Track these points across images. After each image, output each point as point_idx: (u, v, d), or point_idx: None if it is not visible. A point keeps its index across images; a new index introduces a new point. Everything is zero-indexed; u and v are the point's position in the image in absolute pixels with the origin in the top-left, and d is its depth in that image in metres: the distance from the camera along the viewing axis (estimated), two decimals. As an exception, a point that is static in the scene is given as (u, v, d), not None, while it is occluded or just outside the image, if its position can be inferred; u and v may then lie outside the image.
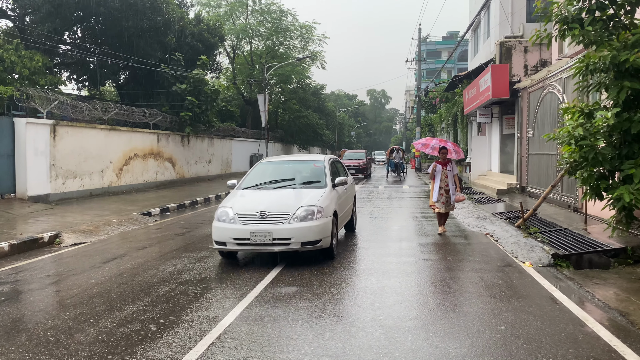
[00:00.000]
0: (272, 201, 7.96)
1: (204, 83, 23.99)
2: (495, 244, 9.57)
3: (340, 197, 9.05)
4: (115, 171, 19.31)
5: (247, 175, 9.34)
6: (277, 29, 40.10)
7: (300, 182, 8.99)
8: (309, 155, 11.06)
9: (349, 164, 28.81)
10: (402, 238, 10.25)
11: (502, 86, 16.72)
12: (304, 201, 7.84)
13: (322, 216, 7.69)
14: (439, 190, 10.41)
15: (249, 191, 8.67)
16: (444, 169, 10.51)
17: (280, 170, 9.66)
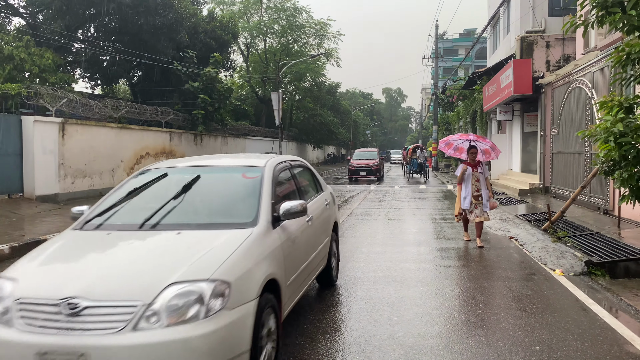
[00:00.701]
0: (113, 266, 3.59)
1: (216, 81, 23.61)
2: (520, 248, 8.96)
3: (294, 242, 4.67)
4: (127, 170, 18.99)
5: (110, 194, 4.88)
6: (291, 27, 39.66)
7: (206, 216, 4.43)
8: (241, 158, 5.86)
9: (359, 164, 27.00)
10: (420, 242, 9.68)
11: (525, 82, 16.02)
12: (186, 268, 3.41)
13: (227, 305, 3.29)
14: (470, 197, 9.12)
15: (92, 235, 4.27)
16: (475, 171, 9.19)
17: (174, 189, 4.64)
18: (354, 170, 26.90)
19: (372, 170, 26.84)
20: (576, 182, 12.37)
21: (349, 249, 9.01)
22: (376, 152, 30.56)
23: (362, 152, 30.97)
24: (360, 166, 26.79)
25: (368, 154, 29.70)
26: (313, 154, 55.30)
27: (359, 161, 27.60)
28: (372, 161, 27.45)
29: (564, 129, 13.64)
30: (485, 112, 24.12)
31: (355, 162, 27.38)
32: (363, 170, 26.55)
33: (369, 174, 26.80)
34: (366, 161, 27.50)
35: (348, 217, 13.28)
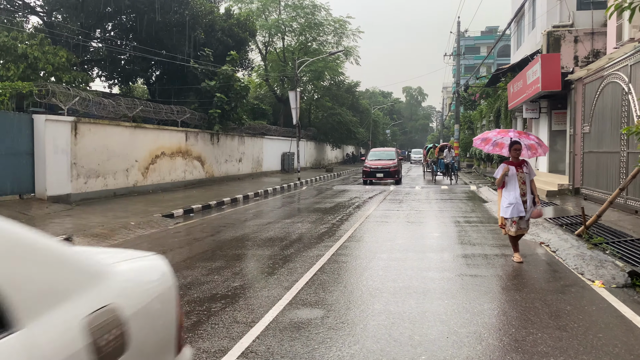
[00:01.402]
0: None
1: (233, 79, 23.19)
2: (553, 255, 8.27)
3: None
4: (141, 170, 18.69)
5: None
6: (310, 25, 39.14)
7: None
8: None
9: (375, 165, 24.66)
10: (443, 248, 9.06)
11: (553, 77, 15.22)
12: None
13: None
14: (517, 203, 7.63)
15: None
16: (519, 171, 7.71)
17: None
18: (369, 172, 24.80)
19: (389, 172, 24.37)
20: (610, 183, 11.59)
21: (367, 255, 8.43)
22: (394, 151, 27.67)
23: (379, 151, 28.16)
24: (376, 168, 24.56)
25: (385, 153, 27.05)
26: (332, 153, 54.72)
27: (374, 162, 25.27)
28: (389, 162, 25.00)
29: (596, 126, 12.84)
30: (510, 110, 23.27)
31: (371, 163, 25.09)
32: (379, 172, 24.35)
33: (386, 176, 24.37)
34: (383, 162, 25.10)
35: (366, 220, 12.70)
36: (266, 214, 14.48)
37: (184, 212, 14.52)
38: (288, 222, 12.64)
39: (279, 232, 11.01)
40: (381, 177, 24.37)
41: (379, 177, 24.36)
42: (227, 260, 8.20)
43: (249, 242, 9.94)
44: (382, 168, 24.43)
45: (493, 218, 12.82)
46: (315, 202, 17.65)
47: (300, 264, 7.88)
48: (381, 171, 24.35)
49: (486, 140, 8.69)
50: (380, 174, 24.32)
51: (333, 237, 10.23)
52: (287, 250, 9.05)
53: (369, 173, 24.81)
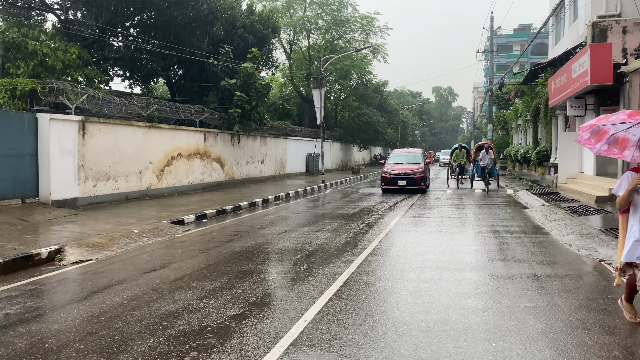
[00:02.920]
0: None
1: (254, 77, 22.15)
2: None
3: None
4: (156, 172, 17.78)
5: None
6: (336, 22, 37.91)
7: None
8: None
9: (397, 170, 20.53)
10: (483, 265, 7.70)
11: (604, 70, 13.62)
12: None
13: None
14: None
15: None
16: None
17: None
18: (389, 179, 20.54)
19: (413, 180, 20.16)
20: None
21: (392, 274, 7.16)
22: (420, 153, 22.89)
23: (402, 153, 23.66)
24: (397, 173, 20.37)
25: (410, 156, 22.58)
26: (359, 155, 53.40)
27: (396, 166, 21.09)
28: (414, 166, 20.83)
29: (658, 124, 11.24)
30: (550, 108, 21.60)
31: (392, 168, 20.91)
32: (402, 178, 20.20)
33: (410, 184, 20.16)
34: (406, 166, 20.88)
35: (393, 229, 11.40)
36: (284, 220, 13.32)
37: (196, 217, 13.48)
38: (306, 230, 11.45)
39: (294, 243, 9.83)
40: (404, 185, 20.22)
41: (402, 184, 20.21)
42: (229, 279, 7.05)
43: (259, 255, 8.78)
44: (405, 174, 20.26)
45: (536, 227, 11.37)
46: (338, 206, 16.43)
47: (314, 285, 6.68)
48: (404, 177, 20.21)
49: (597, 133, 5.15)
50: (403, 181, 20.19)
51: (355, 250, 8.99)
52: (301, 265, 7.85)
53: (389, 180, 20.59)
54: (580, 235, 9.58)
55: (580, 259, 8.07)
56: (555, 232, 10.53)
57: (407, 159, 22.04)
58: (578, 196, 15.65)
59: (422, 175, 20.31)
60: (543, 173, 25.99)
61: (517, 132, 37.10)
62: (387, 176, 20.66)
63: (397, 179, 20.34)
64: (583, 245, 8.87)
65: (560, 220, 11.55)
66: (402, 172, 20.37)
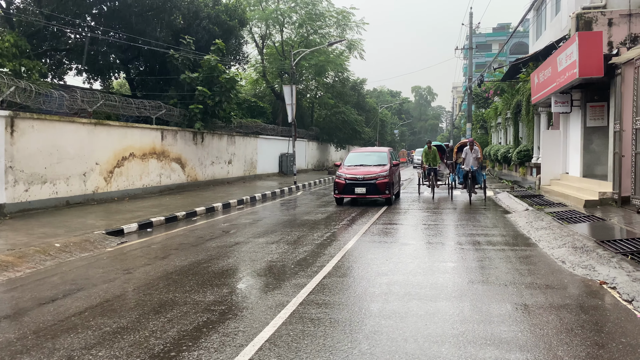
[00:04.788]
0: None
1: (217, 71, 20.53)
2: (628, 308, 5.49)
3: None
4: (104, 174, 16.08)
5: None
6: (310, 16, 36.38)
7: None
8: None
9: (354, 174, 15.91)
10: (461, 292, 6.29)
11: (594, 61, 12.39)
12: None
13: None
14: None
15: None
16: None
17: None
18: (343, 185, 15.93)
19: (375, 187, 15.60)
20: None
21: (349, 305, 5.70)
22: (386, 153, 17.81)
23: (363, 153, 18.58)
24: (355, 178, 15.79)
25: (372, 156, 17.71)
26: (336, 154, 51.96)
27: (354, 169, 16.34)
28: (377, 169, 16.14)
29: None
30: (533, 105, 20.43)
31: (348, 172, 16.16)
32: (360, 184, 15.68)
33: (371, 191, 15.65)
34: (367, 169, 16.24)
35: (361, 239, 9.96)
36: (240, 229, 11.80)
37: (139, 227, 11.86)
38: (261, 242, 9.94)
39: (241, 260, 8.32)
40: (363, 194, 15.74)
41: (360, 192, 15.73)
42: (140, 315, 5.52)
43: (192, 277, 7.25)
44: (365, 179, 15.67)
45: (522, 237, 10.04)
46: (305, 211, 14.96)
47: (247, 323, 5.20)
48: (363, 184, 15.65)
49: None
50: (362, 188, 15.64)
51: (311, 269, 7.51)
52: (238, 293, 6.36)
53: (343, 187, 15.95)
54: (574, 248, 8.25)
55: (577, 281, 6.72)
56: (543, 243, 9.20)
57: (369, 159, 17.37)
58: (564, 200, 14.43)
59: (386, 181, 15.65)
60: (524, 174, 24.87)
61: (496, 131, 36.08)
62: (342, 182, 15.94)
63: (354, 186, 15.71)
64: (578, 262, 7.53)
65: (548, 229, 10.24)
66: (360, 177, 15.70)
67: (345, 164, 17.25)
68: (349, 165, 17.05)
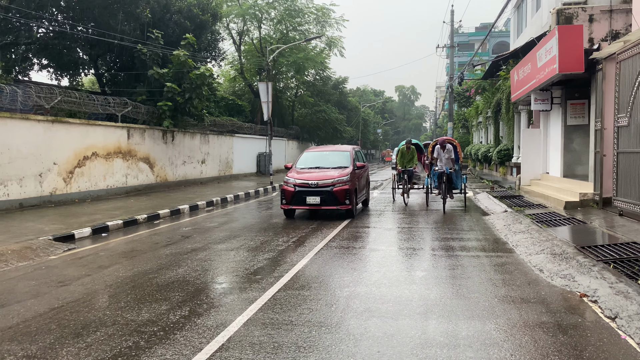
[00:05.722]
0: None
1: (187, 66, 19.68)
2: (610, 326, 4.88)
3: None
4: (63, 175, 15.18)
5: None
6: (289, 12, 35.60)
7: None
8: None
9: (305, 180, 12.67)
10: (427, 307, 5.63)
11: (574, 56, 11.85)
12: None
13: None
14: None
15: None
16: None
17: None
18: (292, 194, 12.66)
19: (332, 196, 12.37)
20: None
21: (300, 324, 4.99)
22: (349, 153, 14.27)
23: (319, 153, 15.08)
24: (306, 184, 12.57)
25: (331, 156, 14.31)
26: (318, 153, 51.35)
27: (307, 173, 13.16)
28: (335, 173, 12.88)
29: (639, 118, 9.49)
30: (513, 103, 19.94)
31: (299, 176, 12.96)
32: (313, 192, 12.46)
33: (327, 201, 12.43)
34: (323, 173, 13.04)
35: (327, 245, 9.26)
36: (202, 233, 11.04)
37: (93, 231, 11.04)
38: (220, 248, 9.21)
39: (192, 270, 7.57)
40: (316, 204, 12.49)
41: (312, 203, 12.51)
42: (53, 342, 4.76)
43: (132, 291, 6.50)
44: (319, 186, 12.44)
45: (498, 242, 9.45)
46: (276, 214, 14.25)
47: (175, 350, 4.50)
48: (316, 191, 12.42)
49: None
50: (314, 198, 12.42)
51: (266, 281, 6.81)
52: (177, 311, 5.63)
53: (292, 196, 12.64)
54: (552, 255, 7.65)
55: (555, 293, 6.10)
56: (521, 249, 8.60)
57: (326, 161, 14.02)
58: (544, 201, 13.91)
59: (346, 188, 12.41)
60: (505, 173, 24.44)
61: (477, 130, 35.71)
62: (290, 189, 12.67)
63: (305, 194, 12.45)
64: (557, 270, 6.92)
65: (526, 233, 9.66)
66: (313, 183, 12.45)
67: (297, 166, 13.98)
68: (302, 168, 13.78)
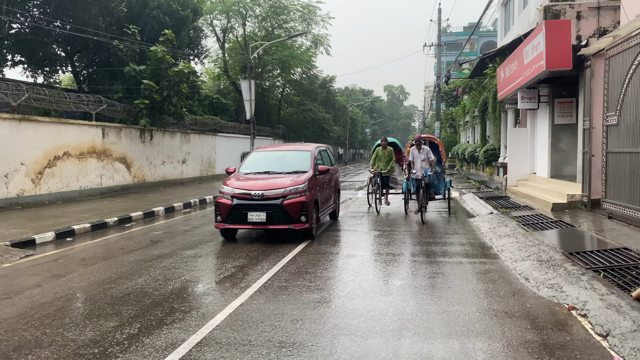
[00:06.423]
0: None
1: (165, 63, 19.05)
2: (602, 346, 4.40)
3: None
4: (31, 176, 14.51)
5: None
6: (275, 9, 35.02)
7: None
8: None
9: (247, 189, 9.45)
10: (402, 323, 5.13)
11: (562, 52, 11.42)
12: None
13: None
14: None
15: None
16: None
17: None
18: (229, 208, 9.49)
19: (282, 210, 9.28)
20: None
21: (258, 345, 4.45)
22: (309, 153, 10.95)
23: (271, 153, 11.74)
24: (247, 195, 9.41)
25: (286, 158, 11.08)
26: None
27: (252, 181, 9.92)
28: (287, 180, 9.70)
29: (629, 117, 9.08)
30: (499, 101, 19.55)
31: (241, 185, 9.79)
32: (256, 207, 9.33)
33: (274, 218, 9.32)
34: (272, 180, 9.81)
35: (301, 252, 8.72)
36: (172, 237, 10.46)
37: (57, 236, 10.42)
38: (188, 255, 8.64)
39: (154, 278, 7.01)
40: (261, 223, 9.36)
41: (256, 220, 9.36)
42: (-26, 367, 4.18)
43: (83, 304, 5.93)
44: (265, 198, 9.34)
45: (483, 247, 8.98)
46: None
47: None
48: (261, 205, 9.34)
49: None
50: (259, 213, 9.33)
51: (231, 291, 6.27)
52: (124, 329, 5.08)
53: (229, 211, 9.52)
54: (539, 262, 7.18)
55: (541, 306, 5.62)
56: (506, 254, 8.14)
57: (279, 164, 10.74)
58: (531, 202, 13.49)
59: (301, 200, 9.31)
60: (491, 173, 24.07)
61: (465, 129, 35.39)
62: (226, 202, 9.50)
63: (245, 209, 9.32)
64: (543, 279, 6.46)
65: (512, 237, 9.20)
66: (257, 194, 9.28)
67: (240, 170, 10.55)
68: (247, 172, 10.36)
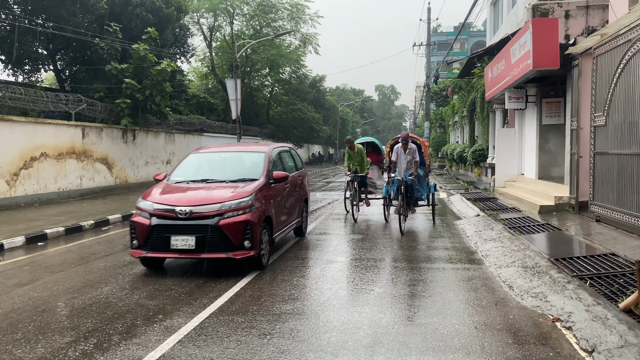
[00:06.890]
0: None
1: (148, 61, 18.64)
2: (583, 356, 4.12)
3: None
4: (6, 177, 14.06)
5: None
6: (262, 8, 34.64)
7: None
8: None
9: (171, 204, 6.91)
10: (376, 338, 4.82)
11: (549, 51, 11.17)
12: None
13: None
14: None
15: None
16: None
17: None
18: (148, 230, 6.95)
19: (217, 233, 6.74)
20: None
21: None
22: (263, 156, 8.32)
23: (213, 155, 8.99)
24: (172, 213, 6.87)
25: (232, 162, 8.65)
26: (294, 153, 50.37)
27: (184, 192, 7.32)
28: (227, 192, 7.12)
29: (617, 117, 8.84)
30: (487, 101, 19.32)
31: (166, 198, 7.16)
32: (182, 229, 6.80)
33: (208, 244, 6.77)
34: (207, 193, 7.21)
35: (280, 258, 8.39)
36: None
37: (27, 241, 10.02)
38: (135, 272, 8.24)
39: (121, 287, 6.65)
40: (190, 250, 6.81)
41: (183, 247, 6.79)
42: None
43: (40, 316, 5.56)
44: (194, 216, 6.81)
45: (467, 251, 8.70)
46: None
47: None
48: (188, 227, 6.81)
49: None
50: (186, 237, 6.79)
51: (201, 301, 5.94)
52: (79, 346, 4.72)
53: (148, 234, 6.98)
54: (524, 268, 6.91)
55: (524, 317, 5.34)
56: (490, 259, 7.86)
57: (223, 170, 8.46)
58: (519, 204, 13.25)
59: (244, 220, 6.90)
60: (480, 174, 23.87)
61: (454, 129, 35.23)
62: (144, 222, 7.07)
63: (168, 231, 6.92)
64: (528, 288, 6.17)
65: (498, 241, 8.94)
66: (183, 211, 6.86)
67: (172, 177, 8.22)
68: (179, 181, 7.98)
